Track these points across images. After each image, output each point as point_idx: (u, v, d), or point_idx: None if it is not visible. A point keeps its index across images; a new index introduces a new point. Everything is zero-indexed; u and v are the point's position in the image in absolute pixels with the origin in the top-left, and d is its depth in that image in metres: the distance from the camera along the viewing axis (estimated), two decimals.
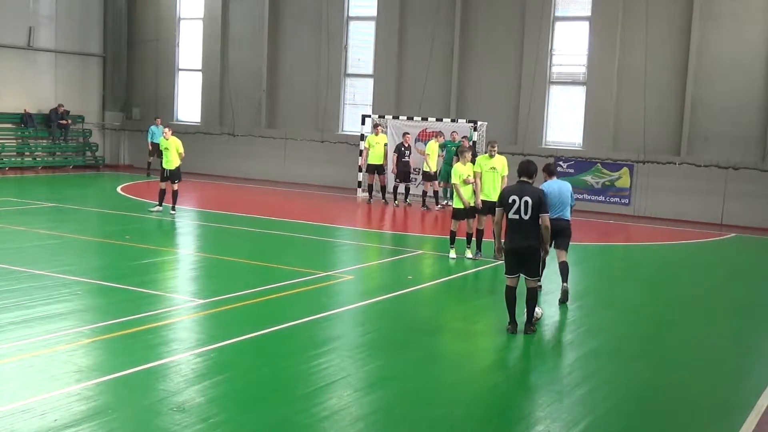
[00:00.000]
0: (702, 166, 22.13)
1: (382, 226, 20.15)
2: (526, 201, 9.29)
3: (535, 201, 9.29)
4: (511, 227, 9.44)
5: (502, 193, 9.71)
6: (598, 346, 9.69)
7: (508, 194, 9.49)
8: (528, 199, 9.28)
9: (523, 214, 9.31)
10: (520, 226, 9.36)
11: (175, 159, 18.71)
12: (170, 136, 18.93)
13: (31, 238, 15.12)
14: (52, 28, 28.53)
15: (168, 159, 18.74)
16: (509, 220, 9.39)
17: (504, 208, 9.50)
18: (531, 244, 9.41)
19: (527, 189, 9.42)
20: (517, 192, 9.40)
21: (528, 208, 9.30)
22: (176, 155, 18.72)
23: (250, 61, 28.32)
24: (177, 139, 19.12)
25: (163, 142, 18.94)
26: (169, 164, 18.73)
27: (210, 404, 6.99)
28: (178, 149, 18.78)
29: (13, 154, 27.80)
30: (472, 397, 7.69)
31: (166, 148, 18.76)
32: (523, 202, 9.30)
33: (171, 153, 18.72)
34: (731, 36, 21.97)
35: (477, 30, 24.89)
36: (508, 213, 9.42)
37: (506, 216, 9.49)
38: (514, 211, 9.36)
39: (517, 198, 9.34)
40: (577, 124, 24.09)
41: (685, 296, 13.02)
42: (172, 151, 18.72)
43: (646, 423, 7.30)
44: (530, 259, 9.44)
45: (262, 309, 10.57)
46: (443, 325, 10.67)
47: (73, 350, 8.25)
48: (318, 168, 26.83)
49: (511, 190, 9.51)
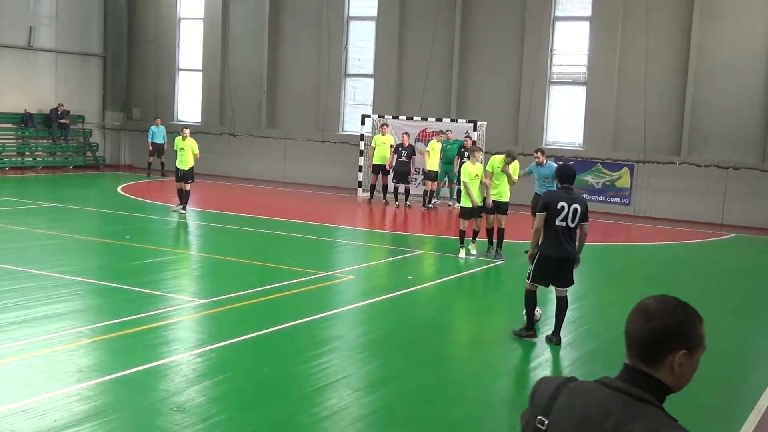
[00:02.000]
0: (702, 166, 22.12)
1: (383, 226, 20.16)
2: (575, 208, 8.98)
3: (583, 209, 9.05)
4: (554, 234, 9.05)
5: (549, 198, 9.21)
6: (598, 347, 9.69)
7: (555, 200, 9.05)
8: (577, 207, 8.99)
9: (570, 221, 8.99)
10: (565, 233, 9.04)
11: (190, 159, 18.84)
12: (188, 136, 19.05)
13: (32, 238, 15.12)
14: (52, 28, 28.53)
15: (182, 159, 18.85)
16: (553, 227, 9.01)
17: (549, 214, 9.03)
18: (572, 252, 9.19)
19: (575, 196, 9.16)
20: (565, 198, 9.01)
21: (576, 215, 9.01)
22: (191, 156, 18.86)
23: (251, 61, 28.32)
24: (193, 140, 19.25)
25: (179, 142, 19.02)
26: (183, 164, 18.84)
27: (210, 404, 6.99)
28: (194, 150, 18.93)
29: (13, 154, 27.80)
30: (472, 397, 7.69)
31: (182, 149, 18.86)
32: (572, 210, 8.97)
33: (186, 153, 18.84)
34: (731, 36, 21.97)
35: (477, 30, 24.88)
36: (553, 219, 9.00)
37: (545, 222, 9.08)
38: (561, 218, 8.98)
39: (566, 205, 8.96)
40: (577, 124, 24.09)
41: (685, 296, 12.87)
42: (187, 152, 18.84)
43: None
44: (568, 269, 9.23)
45: (263, 309, 10.57)
46: (444, 325, 10.67)
47: (73, 350, 8.25)
48: (318, 168, 26.83)
49: (559, 196, 9.10)
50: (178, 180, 18.94)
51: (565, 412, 2.30)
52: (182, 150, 18.84)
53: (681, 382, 2.31)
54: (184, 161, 18.81)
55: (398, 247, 16.62)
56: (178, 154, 18.91)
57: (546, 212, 9.05)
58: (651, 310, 2.31)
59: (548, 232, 9.06)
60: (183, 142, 18.89)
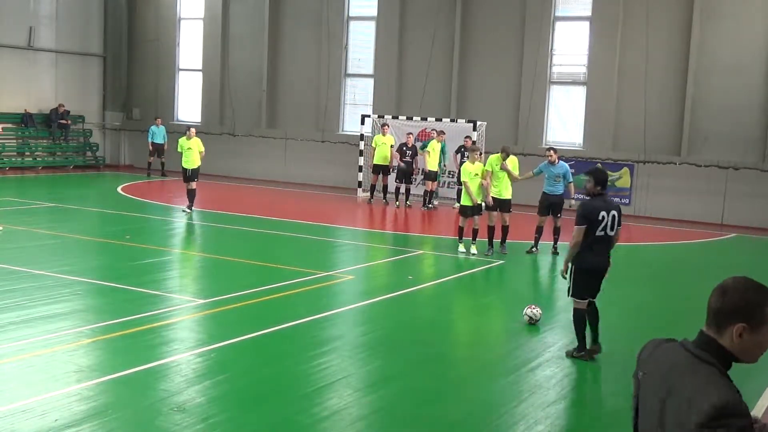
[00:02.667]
0: (702, 166, 22.12)
1: (383, 226, 20.15)
2: (613, 216, 8.60)
3: (619, 214, 8.68)
4: (595, 244, 8.57)
5: (588, 209, 8.61)
6: None
7: (596, 210, 8.56)
8: (615, 213, 8.61)
9: (609, 229, 8.60)
10: (606, 242, 8.66)
11: (196, 159, 18.92)
12: (193, 136, 19.08)
13: (32, 238, 15.12)
14: (52, 28, 28.53)
15: (189, 159, 18.92)
16: (594, 238, 8.54)
17: (590, 226, 8.53)
18: (608, 259, 8.81)
19: (609, 202, 8.79)
20: (603, 207, 8.59)
21: (615, 222, 8.63)
22: (197, 155, 18.93)
23: (251, 61, 28.32)
24: (199, 139, 19.32)
25: (185, 142, 19.06)
26: (190, 164, 18.92)
27: (210, 404, 6.99)
28: (200, 149, 18.99)
29: (13, 154, 27.80)
30: (472, 397, 7.69)
31: (189, 148, 18.92)
32: (611, 217, 8.58)
33: (193, 153, 18.92)
34: (731, 36, 21.96)
35: (477, 30, 24.88)
36: (594, 230, 8.53)
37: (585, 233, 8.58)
38: (601, 228, 8.55)
39: (606, 213, 8.55)
40: (577, 124, 24.09)
41: (685, 296, 13.01)
42: (194, 151, 18.92)
43: None
44: (603, 277, 8.85)
45: (263, 309, 10.57)
46: (444, 325, 10.68)
47: (73, 350, 8.25)
48: (318, 168, 26.82)
49: (598, 206, 8.60)
50: (186, 180, 19.00)
51: (651, 367, 2.85)
52: (189, 150, 18.92)
53: (745, 353, 2.65)
54: (191, 161, 18.88)
55: (398, 247, 16.62)
56: (185, 154, 18.96)
57: (587, 224, 8.55)
58: (726, 287, 2.71)
59: (588, 243, 8.56)
60: (189, 142, 18.96)
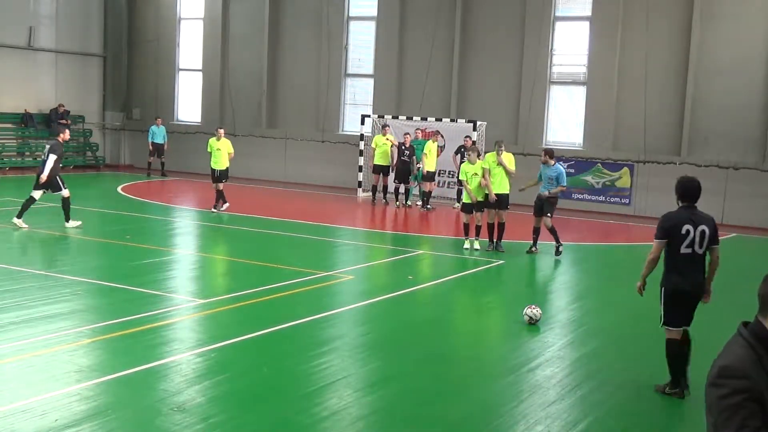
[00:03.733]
0: (702, 166, 22.10)
1: (383, 226, 20.15)
2: (703, 231, 7.59)
3: (712, 231, 7.64)
4: (680, 263, 7.61)
5: (670, 221, 7.67)
6: (598, 347, 9.69)
7: (679, 223, 7.59)
8: (705, 229, 7.59)
9: (697, 247, 7.59)
10: (693, 261, 7.63)
11: (225, 160, 18.99)
12: (222, 136, 19.12)
13: (32, 238, 15.12)
14: (52, 28, 28.52)
15: (218, 159, 18.99)
16: (679, 256, 7.60)
17: (672, 240, 7.62)
18: (702, 281, 7.75)
19: (700, 216, 7.69)
20: (689, 221, 7.59)
21: (704, 239, 7.61)
22: (226, 156, 18.99)
23: (251, 61, 28.32)
24: (228, 140, 19.39)
25: (214, 143, 19.12)
26: (219, 165, 18.99)
27: (210, 404, 6.99)
28: (229, 150, 19.07)
29: (13, 154, 27.80)
30: (472, 397, 7.69)
31: (218, 149, 19.01)
32: (699, 233, 7.58)
33: (222, 154, 18.99)
34: (731, 36, 21.96)
35: (477, 30, 24.88)
36: (677, 246, 7.60)
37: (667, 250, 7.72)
38: (687, 244, 7.57)
39: (692, 228, 7.56)
40: (577, 124, 24.09)
41: None
42: (223, 152, 19.00)
43: (646, 423, 7.30)
44: (696, 303, 7.83)
45: (263, 309, 10.57)
46: (444, 324, 10.67)
47: (73, 350, 8.25)
48: (318, 168, 26.82)
49: (682, 219, 7.62)
50: (215, 181, 19.07)
51: None
52: (218, 150, 19.00)
53: None
54: (221, 161, 18.95)
55: (398, 247, 16.62)
56: (214, 155, 19.04)
57: (667, 239, 7.64)
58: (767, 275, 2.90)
59: (674, 261, 7.66)
60: (218, 143, 19.05)
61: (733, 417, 2.58)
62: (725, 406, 2.60)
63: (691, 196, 7.70)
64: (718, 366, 2.70)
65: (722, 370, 2.67)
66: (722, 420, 2.61)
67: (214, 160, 19.05)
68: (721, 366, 2.69)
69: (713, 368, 2.72)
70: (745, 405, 2.63)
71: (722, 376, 2.63)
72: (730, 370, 2.65)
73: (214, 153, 19.03)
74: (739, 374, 2.63)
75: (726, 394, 2.60)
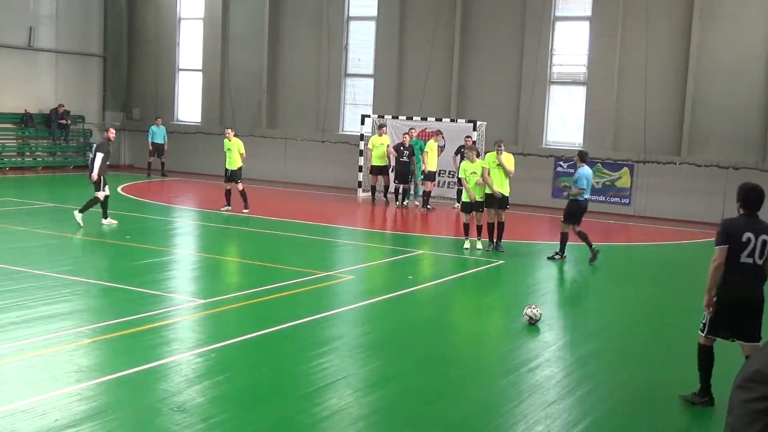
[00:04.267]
0: (702, 166, 22.12)
1: (383, 226, 20.15)
2: (764, 241, 7.23)
3: None
4: (737, 272, 7.27)
5: (730, 228, 7.35)
6: (598, 347, 9.69)
7: (739, 231, 7.26)
8: (766, 239, 7.24)
9: (758, 257, 7.24)
10: (753, 272, 7.29)
11: (237, 160, 19.06)
12: (233, 137, 19.18)
13: (32, 238, 15.13)
14: (52, 28, 28.53)
15: (231, 159, 19.07)
16: (739, 265, 7.27)
17: (731, 248, 7.27)
18: (761, 294, 7.41)
19: (762, 225, 7.34)
20: (751, 229, 7.25)
21: (765, 249, 7.26)
22: (238, 156, 19.05)
23: (251, 61, 28.32)
24: (239, 140, 19.45)
25: (225, 144, 19.19)
26: (231, 165, 19.06)
27: (210, 404, 6.99)
28: (240, 150, 19.10)
29: (13, 154, 27.81)
30: (472, 397, 7.69)
31: (229, 149, 19.11)
32: (761, 242, 7.22)
33: (233, 154, 19.07)
34: (731, 36, 21.96)
35: (477, 30, 24.88)
36: (737, 255, 7.26)
37: None
38: (747, 254, 7.23)
39: (753, 236, 7.21)
40: (577, 124, 24.09)
41: (685, 296, 13.01)
42: (234, 152, 19.06)
43: (645, 423, 7.30)
44: (755, 316, 7.40)
45: (263, 309, 10.57)
46: (444, 324, 10.68)
47: (73, 350, 8.25)
48: (318, 168, 26.82)
49: (742, 226, 7.28)
50: (227, 181, 19.13)
51: None
52: (229, 150, 19.08)
53: None
54: (233, 161, 19.03)
55: (398, 247, 16.63)
56: (227, 155, 19.13)
57: (728, 245, 7.30)
58: None
59: (732, 270, 7.30)
60: (229, 143, 19.13)
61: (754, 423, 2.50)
62: (750, 410, 2.49)
63: (753, 204, 7.35)
64: (751, 369, 2.58)
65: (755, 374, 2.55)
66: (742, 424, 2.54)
67: (227, 160, 19.18)
68: (755, 370, 2.57)
69: (745, 370, 2.62)
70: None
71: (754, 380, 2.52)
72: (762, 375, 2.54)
73: (226, 153, 19.18)
74: None
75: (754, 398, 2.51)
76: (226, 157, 19.30)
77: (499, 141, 15.72)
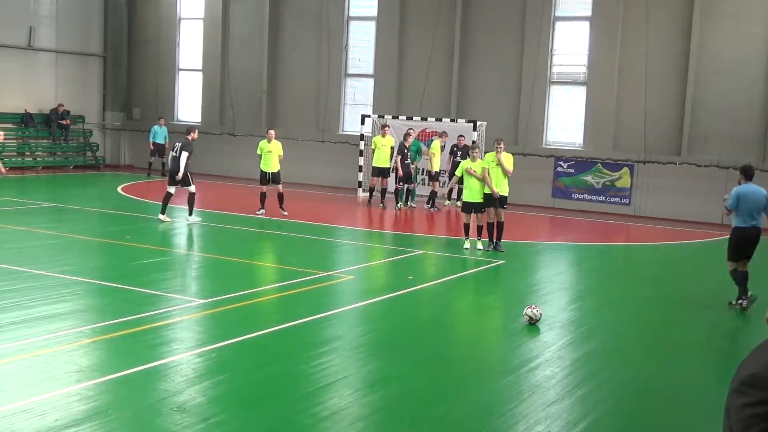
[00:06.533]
0: (702, 166, 22.12)
1: (383, 226, 20.14)
2: None
3: None
4: None
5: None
6: (598, 346, 9.69)
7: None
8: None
9: None
10: None
11: (276, 162, 18.90)
12: (273, 139, 19.05)
13: (32, 238, 15.12)
14: (52, 28, 28.53)
15: (269, 162, 18.88)
16: None
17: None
18: None
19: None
20: None
21: None
22: (277, 158, 18.90)
23: (251, 61, 28.33)
24: (279, 142, 19.28)
25: (265, 145, 19.03)
26: (270, 167, 18.88)
27: (210, 404, 6.99)
28: (279, 152, 18.97)
29: (13, 154, 27.79)
30: (472, 397, 7.69)
31: (269, 152, 18.90)
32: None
33: (273, 156, 18.89)
34: (732, 36, 21.97)
35: (477, 30, 24.88)
36: None
37: None
38: None
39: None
40: (577, 124, 24.09)
41: (685, 296, 13.02)
42: (274, 155, 18.89)
43: (646, 423, 7.31)
44: None
45: (263, 309, 10.58)
46: (444, 324, 10.67)
47: (73, 350, 8.25)
48: (318, 168, 26.82)
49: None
50: (264, 183, 18.98)
51: None
52: (269, 153, 18.88)
53: None
54: (272, 164, 18.86)
55: (398, 247, 16.63)
56: (265, 157, 18.96)
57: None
58: None
59: None
60: (270, 145, 18.95)
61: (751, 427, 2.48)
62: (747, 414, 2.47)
63: None
64: (746, 373, 2.56)
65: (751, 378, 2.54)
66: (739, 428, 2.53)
67: (264, 162, 18.93)
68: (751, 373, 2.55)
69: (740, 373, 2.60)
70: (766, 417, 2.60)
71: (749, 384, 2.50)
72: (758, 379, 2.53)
73: (265, 155, 18.92)
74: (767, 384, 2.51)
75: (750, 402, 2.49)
76: (262, 159, 18.98)
77: (499, 139, 15.73)
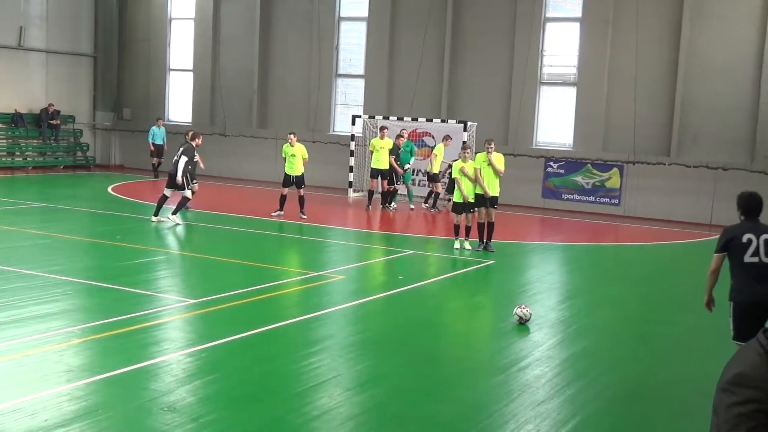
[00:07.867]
0: (691, 166, 22.23)
1: (373, 226, 20.16)
2: (767, 239, 7.44)
3: None
4: (747, 273, 7.44)
5: (729, 233, 7.65)
6: (587, 346, 9.74)
7: (740, 232, 7.53)
8: None
9: (763, 255, 7.40)
10: (761, 270, 7.40)
11: (300, 165, 18.78)
12: (296, 142, 18.93)
13: (22, 238, 15.09)
14: (43, 28, 28.45)
15: (293, 165, 18.76)
16: (744, 265, 7.45)
17: (734, 251, 7.51)
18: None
19: (763, 227, 7.57)
20: (750, 230, 7.50)
21: None
22: (301, 161, 18.80)
23: (242, 62, 28.31)
24: (302, 145, 19.14)
25: (288, 149, 18.91)
26: (294, 170, 18.77)
27: (200, 404, 7.00)
28: (304, 155, 18.88)
29: (3, 154, 27.71)
30: (462, 397, 7.72)
31: (293, 155, 18.79)
32: (763, 241, 7.42)
33: (297, 159, 18.77)
34: (721, 37, 22.08)
35: (468, 31, 24.94)
36: (741, 256, 7.45)
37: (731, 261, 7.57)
38: (751, 253, 7.42)
39: (754, 237, 7.44)
40: (567, 124, 24.17)
41: (674, 296, 13.09)
42: (298, 158, 18.78)
43: (635, 423, 7.35)
44: None
45: (253, 309, 10.58)
46: (434, 324, 10.70)
47: (63, 350, 8.24)
48: (309, 168, 26.65)
49: (742, 229, 7.57)
50: (286, 185, 18.84)
51: None
52: (293, 156, 18.77)
53: None
54: (296, 167, 18.74)
55: (389, 247, 16.65)
56: (288, 161, 18.84)
57: (727, 252, 7.60)
58: None
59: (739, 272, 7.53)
60: (293, 149, 18.82)
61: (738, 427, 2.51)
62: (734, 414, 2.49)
63: (753, 210, 7.66)
64: (732, 372, 2.60)
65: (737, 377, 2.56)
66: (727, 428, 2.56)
67: (288, 165, 18.82)
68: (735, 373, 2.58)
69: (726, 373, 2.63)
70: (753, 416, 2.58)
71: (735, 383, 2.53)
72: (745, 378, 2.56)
73: (289, 159, 18.82)
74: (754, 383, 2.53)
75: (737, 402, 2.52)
76: (286, 162, 18.86)
77: (489, 139, 15.76)
